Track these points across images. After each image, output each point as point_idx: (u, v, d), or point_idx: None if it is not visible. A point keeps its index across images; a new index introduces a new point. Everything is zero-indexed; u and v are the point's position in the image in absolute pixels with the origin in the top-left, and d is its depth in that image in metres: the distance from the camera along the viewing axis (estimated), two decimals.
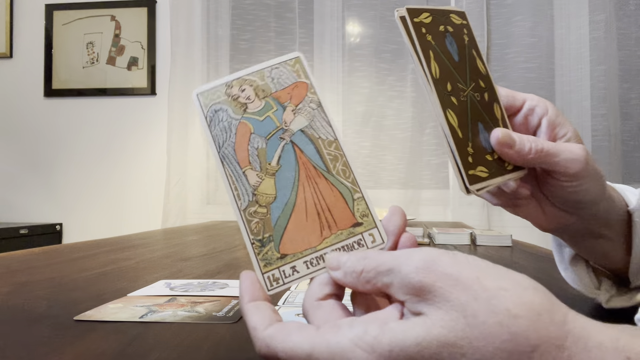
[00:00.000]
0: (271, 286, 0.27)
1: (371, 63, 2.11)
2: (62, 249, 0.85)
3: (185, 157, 2.14)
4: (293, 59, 0.32)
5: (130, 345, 0.33)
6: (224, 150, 0.30)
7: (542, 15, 2.01)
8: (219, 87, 0.31)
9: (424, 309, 0.22)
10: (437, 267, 0.22)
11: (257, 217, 0.28)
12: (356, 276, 0.25)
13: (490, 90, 0.38)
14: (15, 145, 2.36)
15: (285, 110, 0.31)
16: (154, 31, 2.27)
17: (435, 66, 0.34)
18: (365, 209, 0.29)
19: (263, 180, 0.29)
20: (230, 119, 0.30)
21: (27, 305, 0.44)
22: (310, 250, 0.28)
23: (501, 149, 0.36)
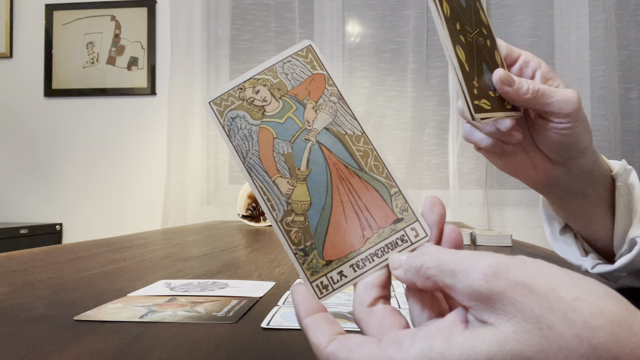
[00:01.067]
0: (321, 294, 0.26)
1: (371, 63, 2.11)
2: (62, 249, 0.85)
3: (185, 157, 2.14)
4: (304, 49, 0.31)
5: (130, 345, 0.33)
6: (249, 160, 0.28)
7: (542, 15, 2.01)
8: (232, 92, 0.29)
9: (491, 318, 0.20)
10: (508, 275, 0.21)
11: (295, 227, 0.27)
12: (415, 272, 0.24)
13: (491, 38, 0.41)
14: (15, 145, 2.36)
15: (306, 108, 0.29)
16: (154, 31, 2.27)
17: (446, 6, 0.36)
18: (404, 203, 0.28)
19: (295, 187, 0.28)
20: (250, 126, 0.29)
21: (27, 305, 0.44)
22: (355, 253, 0.27)
23: (502, 86, 0.38)
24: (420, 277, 0.24)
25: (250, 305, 0.44)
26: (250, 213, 1.45)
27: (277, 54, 1.05)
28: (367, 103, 2.10)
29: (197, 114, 2.16)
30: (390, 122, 2.09)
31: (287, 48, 1.38)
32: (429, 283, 0.24)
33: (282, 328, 0.37)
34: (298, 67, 0.30)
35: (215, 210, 2.15)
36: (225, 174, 2.20)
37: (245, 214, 1.44)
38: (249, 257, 0.78)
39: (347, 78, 2.12)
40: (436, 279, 0.23)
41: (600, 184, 0.45)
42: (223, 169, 2.19)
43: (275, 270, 0.64)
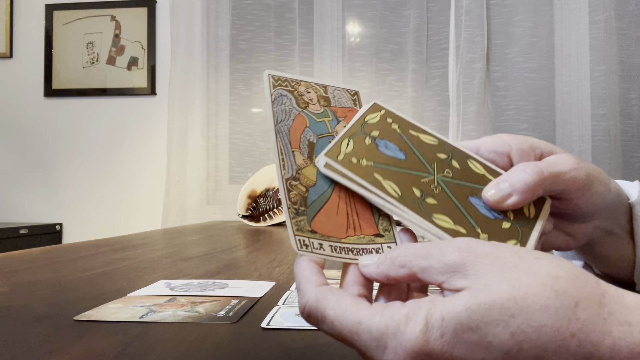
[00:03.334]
0: (300, 248, 0.28)
1: (371, 63, 2.11)
2: (62, 249, 0.85)
3: (185, 157, 2.14)
4: (354, 91, 0.36)
5: (130, 345, 0.33)
6: (281, 126, 0.31)
7: (542, 15, 2.01)
8: (289, 80, 0.33)
9: (465, 283, 0.23)
10: (477, 248, 0.24)
11: (296, 190, 0.29)
12: (390, 262, 0.26)
13: (454, 153, 0.34)
14: (15, 145, 2.36)
15: (339, 124, 0.34)
16: (154, 31, 2.27)
17: (390, 185, 0.30)
18: (388, 225, 0.31)
19: (308, 166, 0.31)
20: (292, 107, 0.32)
21: (27, 305, 0.44)
22: (336, 239, 0.29)
23: (504, 205, 0.31)
24: (395, 265, 0.25)
25: (250, 305, 0.44)
26: (250, 213, 1.45)
27: (277, 54, 1.07)
28: (367, 103, 2.09)
29: (197, 114, 2.16)
30: None
31: (287, 48, 1.41)
32: (403, 271, 0.25)
33: (282, 328, 0.37)
34: (344, 98, 0.36)
35: (215, 210, 2.15)
36: (225, 174, 2.20)
37: (245, 214, 1.44)
38: (249, 257, 0.78)
39: (347, 78, 2.12)
40: (411, 264, 0.25)
41: (622, 215, 0.41)
42: (223, 169, 2.19)
43: (275, 270, 0.64)
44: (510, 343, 0.21)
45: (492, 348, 0.21)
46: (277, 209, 1.45)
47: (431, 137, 0.35)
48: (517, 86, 2.02)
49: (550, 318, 0.21)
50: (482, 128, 1.98)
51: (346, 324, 0.23)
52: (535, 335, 0.21)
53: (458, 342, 0.21)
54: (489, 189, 0.32)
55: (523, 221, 0.32)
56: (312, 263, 0.27)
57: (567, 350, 0.21)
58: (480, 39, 1.99)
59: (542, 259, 0.23)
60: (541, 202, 0.33)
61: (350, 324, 0.23)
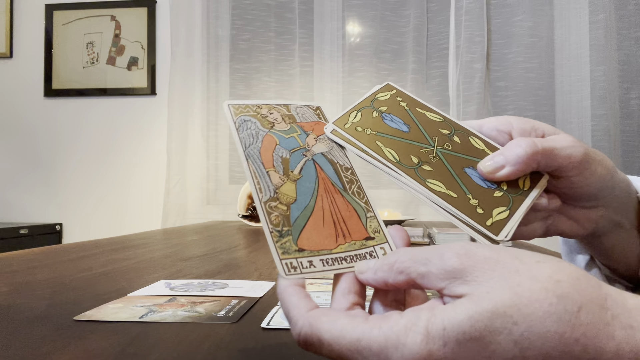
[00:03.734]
0: (289, 272, 0.27)
1: (371, 63, 2.11)
2: (62, 249, 0.85)
3: (185, 157, 2.14)
4: (315, 106, 0.37)
5: (130, 345, 0.33)
6: (250, 150, 0.31)
7: (542, 15, 2.01)
8: (250, 105, 0.34)
9: (465, 289, 0.22)
10: (477, 253, 0.23)
11: (277, 212, 0.29)
12: (388, 268, 0.25)
13: (457, 130, 0.36)
14: (15, 145, 2.36)
15: (308, 136, 0.34)
16: (154, 31, 2.27)
17: (389, 152, 0.33)
18: (377, 226, 0.31)
19: (285, 182, 0.30)
20: (258, 129, 0.32)
21: (27, 305, 0.44)
22: (326, 251, 0.28)
23: (496, 175, 0.33)
24: (394, 271, 0.25)
25: (250, 305, 0.44)
26: (250, 213, 1.45)
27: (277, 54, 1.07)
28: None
29: (197, 114, 2.16)
30: None
31: (287, 48, 1.41)
32: (402, 277, 0.25)
33: (282, 328, 0.37)
34: (307, 113, 0.36)
35: (215, 210, 2.15)
36: (225, 174, 2.20)
37: (245, 214, 1.44)
38: (249, 257, 0.78)
39: (347, 78, 2.12)
40: (410, 270, 0.24)
41: (631, 209, 0.40)
42: (223, 169, 2.19)
43: (275, 270, 0.64)
44: (514, 351, 0.21)
45: (495, 356, 0.21)
46: None
47: (436, 115, 0.37)
48: (517, 86, 2.02)
49: (554, 324, 0.20)
50: None
51: (345, 344, 0.22)
52: (539, 342, 0.20)
53: (461, 352, 0.21)
54: (485, 161, 0.33)
55: (517, 192, 0.33)
56: (298, 287, 0.26)
57: (571, 356, 0.20)
58: (480, 39, 1.99)
59: (543, 262, 0.23)
60: (538, 177, 0.34)
61: (349, 342, 0.22)
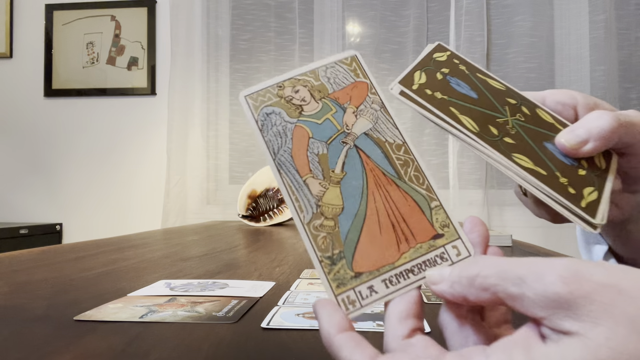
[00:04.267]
0: (347, 310, 0.23)
1: (371, 63, 2.11)
2: (62, 249, 0.85)
3: (185, 157, 2.14)
4: (349, 57, 0.30)
5: (130, 345, 0.33)
6: (280, 157, 0.26)
7: (542, 15, 2.01)
8: (270, 89, 0.28)
9: (575, 326, 0.18)
10: (590, 277, 0.18)
11: (323, 231, 0.25)
12: (467, 283, 0.21)
13: (522, 100, 0.33)
14: (15, 145, 2.36)
15: (346, 112, 0.28)
16: (154, 31, 2.27)
17: (467, 120, 0.29)
18: (445, 218, 0.26)
19: (327, 189, 0.26)
20: (285, 123, 0.27)
21: (27, 305, 0.44)
22: (388, 267, 0.24)
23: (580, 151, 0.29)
24: (475, 288, 0.20)
25: (250, 305, 0.44)
26: (250, 213, 1.45)
27: (277, 54, 1.05)
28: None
29: (197, 114, 2.16)
30: None
31: (287, 48, 1.39)
32: (486, 295, 0.20)
33: (282, 328, 0.37)
34: (341, 73, 0.29)
35: (215, 210, 2.15)
36: (225, 174, 2.20)
37: (245, 214, 1.44)
38: (249, 257, 0.78)
39: None
40: (497, 289, 0.20)
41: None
42: (223, 169, 2.19)
43: (275, 270, 0.64)
44: None
45: None
46: (277, 209, 1.46)
47: (498, 83, 0.34)
48: (517, 86, 1.98)
49: None
50: None
51: None
52: None
53: None
54: (564, 135, 0.30)
55: (596, 171, 0.30)
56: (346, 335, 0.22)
57: None
58: (480, 39, 1.99)
59: None
60: (609, 156, 0.31)
61: None
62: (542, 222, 0.51)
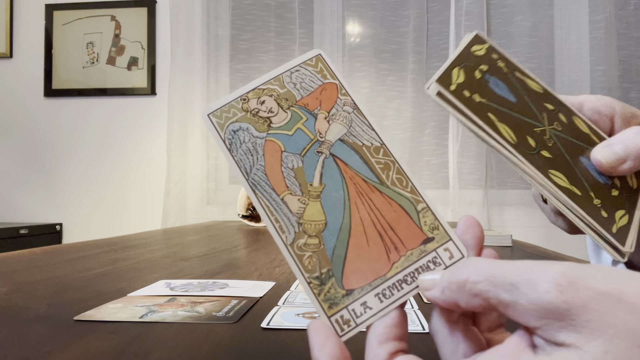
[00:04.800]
0: (342, 331, 0.22)
1: (371, 63, 2.11)
2: (62, 249, 0.85)
3: (185, 157, 2.14)
4: (314, 58, 0.28)
5: (130, 345, 0.33)
6: (254, 176, 0.25)
7: (542, 15, 2.01)
8: (233, 103, 0.26)
9: (570, 338, 0.17)
10: (588, 284, 0.17)
11: (309, 250, 0.23)
12: (457, 288, 0.20)
13: (559, 106, 0.31)
14: (15, 145, 2.36)
15: (317, 119, 0.26)
16: (154, 31, 2.27)
17: (505, 129, 0.27)
18: (434, 220, 0.25)
19: (307, 205, 0.24)
20: (254, 139, 0.26)
21: (27, 305, 0.44)
22: (380, 280, 0.23)
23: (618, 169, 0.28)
24: (465, 294, 0.20)
25: (250, 305, 0.44)
26: (250, 213, 1.45)
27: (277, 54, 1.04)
28: (367, 103, 2.10)
29: (197, 114, 2.16)
30: (390, 122, 2.09)
31: (287, 48, 1.38)
32: (477, 301, 0.19)
33: (282, 328, 0.37)
34: (307, 77, 0.28)
35: (215, 210, 2.15)
36: (225, 174, 2.20)
37: (245, 214, 1.44)
38: (249, 257, 0.78)
39: (347, 78, 2.12)
40: (488, 295, 0.19)
41: None
42: (223, 169, 2.20)
43: (275, 270, 0.64)
44: None
45: None
46: None
47: (536, 84, 0.31)
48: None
49: None
50: None
51: None
52: None
53: None
54: (600, 150, 0.28)
55: (628, 191, 0.28)
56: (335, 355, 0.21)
57: None
58: None
59: None
60: (639, 174, 0.30)
61: None
62: (542, 222, 0.52)
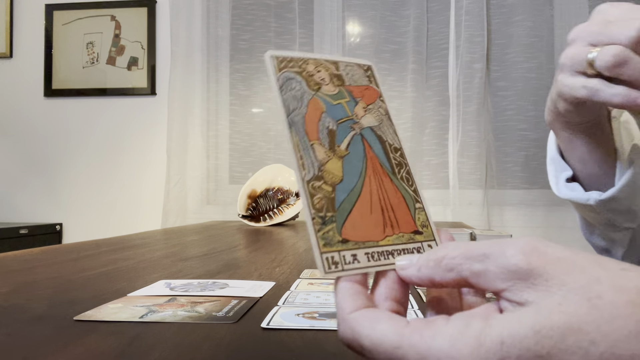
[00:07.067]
0: (329, 268, 0.24)
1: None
2: (62, 249, 0.85)
3: (185, 157, 2.14)
4: (366, 65, 0.32)
5: (130, 345, 0.33)
6: (293, 116, 0.27)
7: (542, 15, 2.01)
8: (295, 59, 0.29)
9: (532, 296, 0.19)
10: (547, 251, 0.20)
11: (320, 194, 0.25)
12: (435, 264, 0.22)
13: None
14: (15, 145, 2.36)
15: (357, 105, 0.30)
16: (154, 31, 2.27)
17: None
18: (426, 220, 0.28)
19: (331, 159, 0.27)
20: (304, 91, 0.28)
21: (27, 305, 0.44)
22: (373, 243, 0.25)
23: None
24: (442, 269, 0.22)
25: (250, 305, 0.44)
26: (250, 213, 1.45)
27: None
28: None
29: (197, 114, 2.16)
30: None
31: (287, 48, 1.39)
32: (452, 275, 0.22)
33: (282, 328, 0.37)
34: (357, 74, 0.31)
35: (215, 210, 2.15)
36: (225, 174, 2.20)
37: (245, 214, 1.44)
38: (249, 257, 0.78)
39: None
40: (462, 268, 0.21)
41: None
42: (223, 169, 2.20)
43: (275, 270, 0.64)
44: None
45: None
46: (277, 209, 1.45)
47: None
48: (517, 86, 2.03)
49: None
50: (482, 128, 1.98)
51: (383, 352, 0.20)
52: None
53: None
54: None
55: None
56: (349, 283, 0.23)
57: None
58: (480, 39, 1.99)
59: (630, 270, 0.19)
60: None
61: (387, 350, 0.20)
62: (542, 222, 0.55)
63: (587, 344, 0.17)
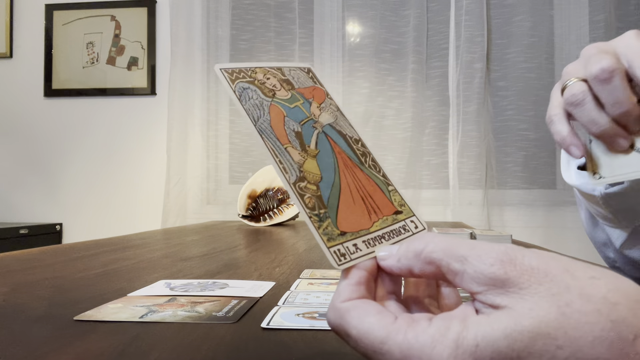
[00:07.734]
0: (340, 262, 0.25)
1: (371, 63, 2.11)
2: (62, 249, 0.85)
3: (185, 157, 2.14)
4: (306, 68, 0.34)
5: (130, 345, 0.33)
6: (260, 124, 0.28)
7: (542, 15, 2.01)
8: (243, 69, 0.30)
9: (505, 301, 0.20)
10: (523, 261, 0.21)
11: (308, 193, 0.26)
12: (414, 256, 0.24)
13: None
14: (15, 145, 2.36)
15: (311, 105, 0.31)
16: (154, 31, 2.27)
17: None
18: (401, 199, 0.30)
19: (306, 159, 0.28)
20: (261, 99, 0.29)
21: (27, 305, 0.44)
22: (365, 231, 0.27)
23: None
24: (421, 261, 0.23)
25: (250, 305, 0.44)
26: (250, 213, 1.45)
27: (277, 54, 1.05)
28: (367, 103, 2.10)
29: (197, 114, 2.16)
30: (390, 122, 2.10)
31: (287, 48, 1.40)
32: (430, 268, 0.23)
33: (282, 328, 0.37)
34: (302, 77, 0.33)
35: (215, 210, 2.15)
36: (225, 174, 2.20)
37: (245, 214, 1.44)
38: (249, 257, 0.78)
39: (347, 78, 2.12)
40: (441, 263, 0.22)
41: None
42: (223, 169, 2.20)
43: (275, 270, 0.64)
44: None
45: None
46: (277, 209, 1.45)
47: None
48: (517, 86, 2.03)
49: (605, 351, 0.18)
50: (482, 128, 1.98)
51: (369, 344, 0.22)
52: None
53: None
54: None
55: None
56: (359, 271, 0.25)
57: None
58: (480, 39, 1.99)
59: (598, 278, 0.20)
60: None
61: (373, 343, 0.21)
62: (542, 222, 0.54)
63: (554, 348, 0.19)
